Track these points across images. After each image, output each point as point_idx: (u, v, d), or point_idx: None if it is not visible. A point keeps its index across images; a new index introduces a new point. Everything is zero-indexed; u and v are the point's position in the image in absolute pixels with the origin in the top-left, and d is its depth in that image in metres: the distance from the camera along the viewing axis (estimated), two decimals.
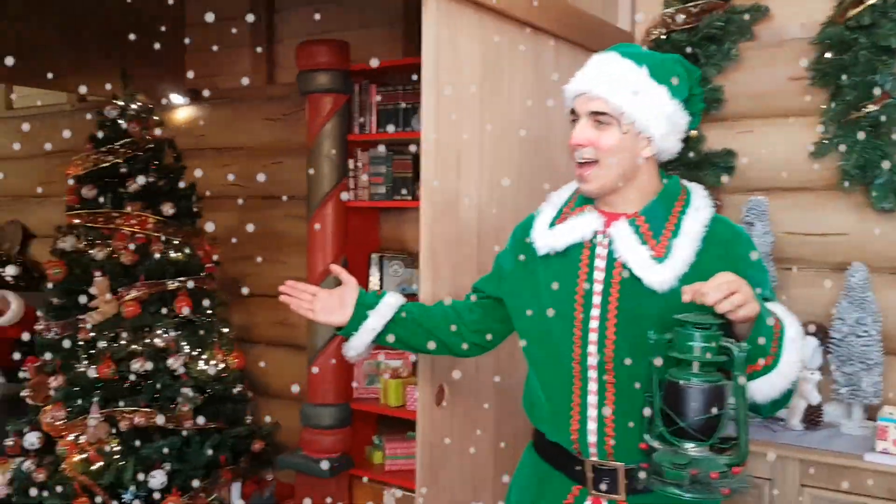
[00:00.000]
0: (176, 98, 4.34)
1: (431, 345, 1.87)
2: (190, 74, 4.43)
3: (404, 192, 3.49)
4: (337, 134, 3.48)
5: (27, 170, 4.99)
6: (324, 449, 3.50)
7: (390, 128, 3.47)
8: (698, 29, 2.90)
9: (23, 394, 3.48)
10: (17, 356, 4.07)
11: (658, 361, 1.44)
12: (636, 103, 1.54)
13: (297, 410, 3.74)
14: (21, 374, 3.52)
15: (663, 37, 2.93)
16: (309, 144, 3.54)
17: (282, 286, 1.88)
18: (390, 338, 1.86)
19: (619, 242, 1.58)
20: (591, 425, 1.60)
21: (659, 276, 1.52)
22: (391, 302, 1.87)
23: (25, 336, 3.04)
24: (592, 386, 1.60)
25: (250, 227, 3.99)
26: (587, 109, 1.59)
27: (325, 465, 3.35)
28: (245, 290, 3.37)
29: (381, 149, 3.51)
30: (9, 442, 3.42)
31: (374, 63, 2.45)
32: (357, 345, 1.88)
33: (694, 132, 2.56)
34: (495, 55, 2.28)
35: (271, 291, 4.25)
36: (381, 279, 3.71)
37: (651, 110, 1.56)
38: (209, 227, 3.24)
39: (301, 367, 3.92)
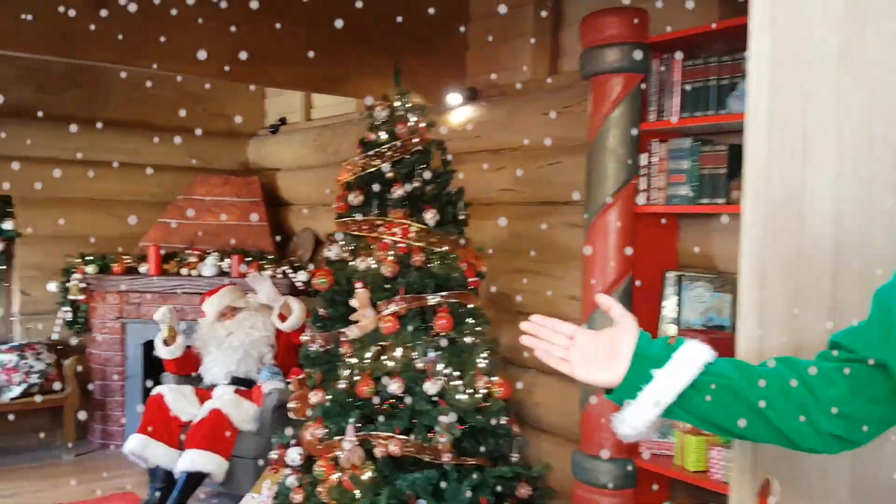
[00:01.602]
0: (452, 98, 4.03)
1: (756, 429, 1.17)
2: (469, 72, 4.11)
3: (715, 193, 2.72)
4: (627, 123, 2.83)
5: (321, 178, 5.10)
6: None
7: (698, 112, 2.73)
8: None
9: (289, 405, 3.38)
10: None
11: None
12: None
13: (573, 448, 3.16)
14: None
15: None
16: (590, 137, 2.94)
17: (524, 322, 1.32)
18: (690, 415, 1.20)
19: None
20: None
21: None
22: (691, 357, 1.20)
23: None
24: None
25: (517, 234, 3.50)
26: None
27: None
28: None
29: (685, 140, 2.78)
30: (273, 454, 3.33)
31: (675, 31, 1.77)
32: (634, 420, 1.24)
33: None
34: None
35: (545, 310, 3.78)
36: (678, 305, 2.96)
37: None
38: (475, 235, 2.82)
39: (576, 399, 3.32)
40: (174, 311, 4.26)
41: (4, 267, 5.04)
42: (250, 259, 4.89)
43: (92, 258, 4.99)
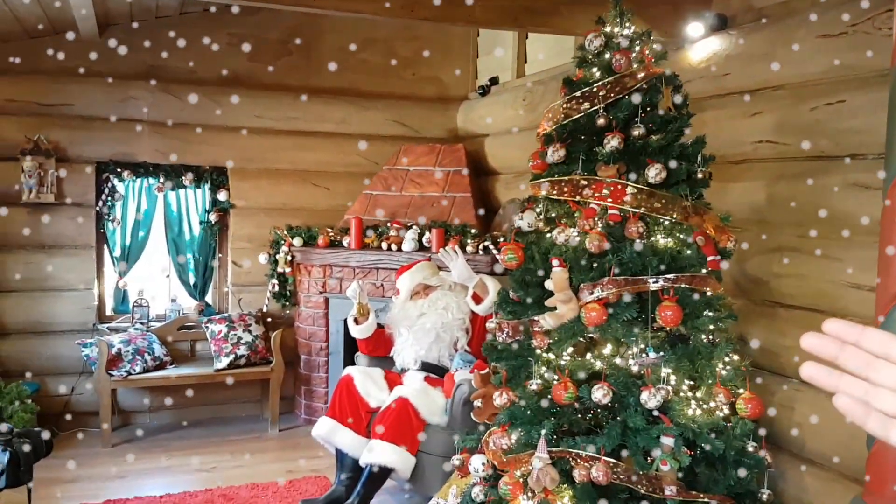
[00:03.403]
0: (693, 29, 3.18)
1: None
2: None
3: None
4: None
5: (530, 142, 4.49)
6: None
7: None
8: None
9: (475, 404, 2.85)
10: None
11: None
12: None
13: (850, 492, 2.29)
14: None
15: None
16: (894, 60, 2.01)
17: (809, 336, 0.62)
18: None
19: None
20: None
21: None
22: None
23: None
24: None
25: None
26: None
27: None
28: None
29: None
30: (455, 460, 2.82)
31: None
32: None
33: None
34: None
35: (814, 303, 2.85)
36: None
37: None
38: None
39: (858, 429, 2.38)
40: (365, 287, 3.92)
41: (218, 238, 5.09)
42: (451, 233, 4.44)
43: (298, 231, 4.86)
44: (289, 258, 4.88)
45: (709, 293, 2.42)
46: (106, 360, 4.32)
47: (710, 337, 2.46)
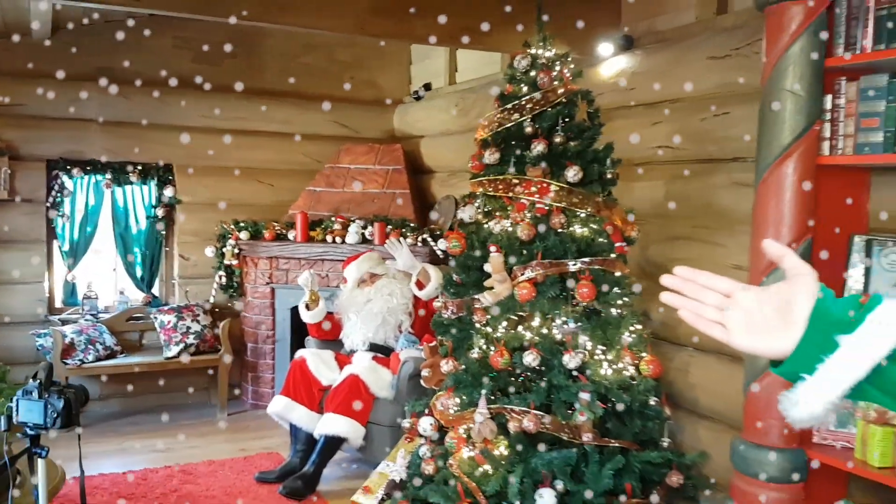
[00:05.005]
0: (604, 48, 3.68)
1: None
2: (625, 18, 3.74)
3: None
4: (807, 60, 2.39)
5: (463, 144, 4.92)
6: None
7: None
8: None
9: (423, 373, 3.25)
10: None
11: None
12: None
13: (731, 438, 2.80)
14: None
15: None
16: (764, 79, 2.53)
17: (665, 276, 1.05)
18: (887, 396, 0.90)
19: None
20: None
21: None
22: (892, 319, 0.88)
23: None
24: None
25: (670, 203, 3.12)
26: None
27: None
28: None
29: (881, 77, 2.31)
30: (406, 423, 3.22)
31: None
32: (810, 401, 0.94)
33: None
34: None
35: None
36: (866, 275, 2.49)
37: None
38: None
39: (740, 382, 2.93)
40: (316, 276, 4.27)
41: (165, 232, 5.31)
42: (392, 227, 4.82)
43: (244, 225, 5.13)
44: (236, 251, 5.15)
45: (617, 274, 2.91)
46: (61, 349, 4.50)
47: (619, 310, 2.95)
